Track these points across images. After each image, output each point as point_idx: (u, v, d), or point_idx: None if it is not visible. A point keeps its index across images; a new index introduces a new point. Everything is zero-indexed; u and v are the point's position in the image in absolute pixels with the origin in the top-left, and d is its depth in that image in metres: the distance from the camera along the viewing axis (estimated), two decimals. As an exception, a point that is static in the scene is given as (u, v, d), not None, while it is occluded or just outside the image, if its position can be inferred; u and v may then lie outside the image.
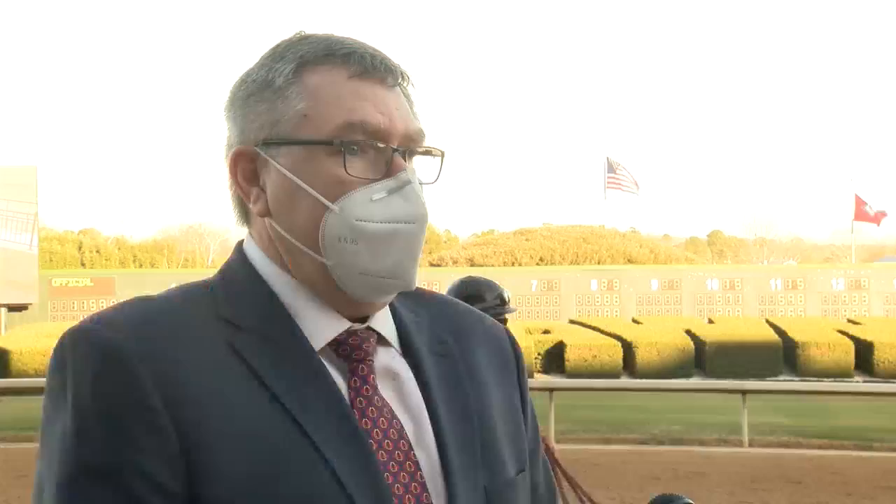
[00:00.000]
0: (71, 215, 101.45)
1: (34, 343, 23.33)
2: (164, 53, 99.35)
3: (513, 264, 35.51)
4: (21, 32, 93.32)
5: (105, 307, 1.07)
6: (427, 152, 1.13)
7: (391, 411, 1.08)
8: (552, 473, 1.30)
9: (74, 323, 1.06)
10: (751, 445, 12.27)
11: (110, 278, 29.49)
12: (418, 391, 1.11)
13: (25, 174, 28.12)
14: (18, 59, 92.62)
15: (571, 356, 24.54)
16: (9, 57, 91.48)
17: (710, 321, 27.96)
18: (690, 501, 1.23)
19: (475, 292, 3.85)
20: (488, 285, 3.98)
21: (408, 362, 1.13)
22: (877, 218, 36.55)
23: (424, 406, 1.10)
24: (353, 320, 1.10)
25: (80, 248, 47.04)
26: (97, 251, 47.42)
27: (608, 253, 36.44)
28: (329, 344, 1.08)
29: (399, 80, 1.11)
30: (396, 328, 1.16)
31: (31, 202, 27.88)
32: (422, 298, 1.22)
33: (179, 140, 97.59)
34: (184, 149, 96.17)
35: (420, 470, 1.06)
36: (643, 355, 24.67)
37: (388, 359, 1.12)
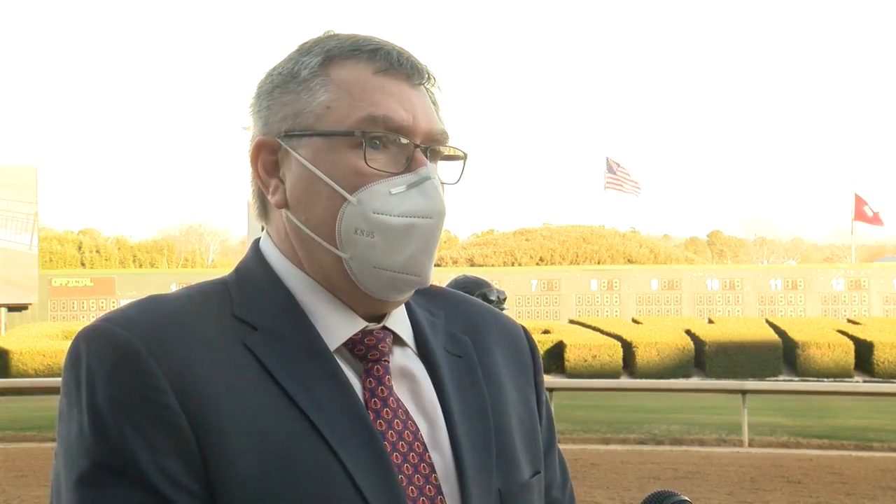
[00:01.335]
0: (71, 215, 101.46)
1: (34, 343, 23.31)
2: (164, 53, 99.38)
3: (513, 264, 35.49)
4: (21, 32, 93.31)
5: (105, 307, 1.07)
6: (450, 154, 1.12)
7: (406, 412, 1.07)
8: (567, 472, 1.29)
9: (75, 323, 1.06)
10: (751, 445, 12.27)
11: (110, 278, 29.44)
12: (433, 392, 1.11)
13: (25, 174, 28.10)
14: (18, 58, 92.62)
15: (571, 356, 24.53)
16: (9, 57, 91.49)
17: (710, 321, 27.95)
18: (685, 498, 1.23)
19: (463, 291, 3.86)
20: (476, 283, 3.97)
21: (423, 362, 1.13)
22: (876, 219, 36.56)
23: (440, 407, 1.10)
24: (370, 320, 1.10)
25: (80, 248, 47.01)
26: (97, 251, 47.39)
27: (608, 253, 36.43)
28: (345, 344, 1.08)
29: (424, 80, 1.11)
30: (412, 327, 1.15)
31: (31, 202, 27.86)
32: (438, 297, 1.22)
33: (179, 140, 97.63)
34: (184, 149, 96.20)
35: (435, 472, 1.05)
36: (643, 355, 24.66)
37: (404, 359, 1.11)
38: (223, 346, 1.02)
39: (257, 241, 1.15)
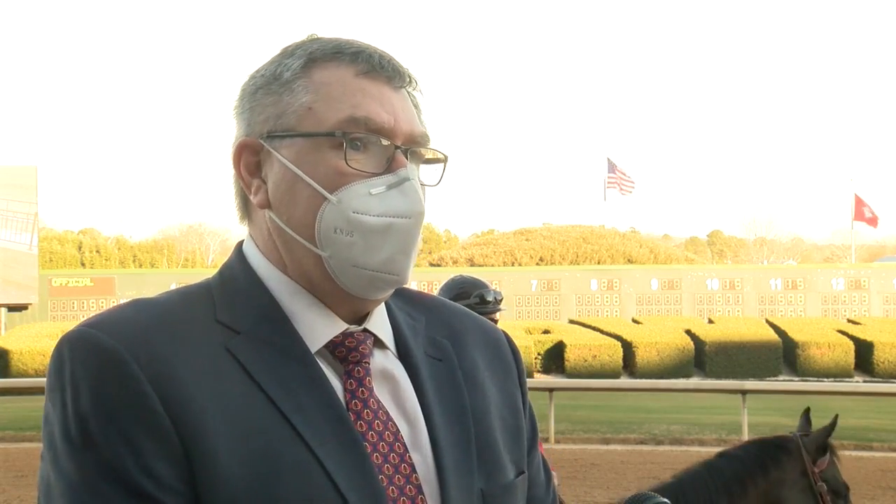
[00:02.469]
0: (71, 215, 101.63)
1: (34, 343, 23.34)
2: (164, 54, 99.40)
3: (513, 264, 35.50)
4: (21, 32, 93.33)
5: (105, 307, 1.07)
6: (432, 157, 1.13)
7: (386, 414, 1.08)
8: (550, 472, 1.29)
9: (74, 323, 1.06)
10: (751, 445, 12.25)
11: (110, 278, 29.47)
12: (414, 394, 1.11)
13: (25, 174, 28.12)
14: (18, 58, 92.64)
15: (571, 356, 24.55)
16: (9, 57, 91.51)
17: (710, 321, 27.97)
18: (664, 500, 1.23)
19: (461, 291, 3.89)
20: (474, 284, 3.99)
21: (403, 365, 1.13)
22: (874, 220, 36.59)
23: (420, 409, 1.10)
24: (350, 321, 1.10)
25: (80, 248, 47.05)
26: (97, 251, 47.43)
27: (608, 253, 36.45)
28: (326, 346, 1.08)
29: (406, 83, 1.12)
30: (392, 331, 1.15)
31: (31, 202, 27.88)
32: (417, 301, 1.22)
33: (179, 140, 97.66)
34: (184, 149, 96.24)
35: (416, 473, 1.06)
36: (643, 355, 24.68)
37: (385, 361, 1.12)
38: (206, 350, 1.02)
39: (241, 244, 1.16)
